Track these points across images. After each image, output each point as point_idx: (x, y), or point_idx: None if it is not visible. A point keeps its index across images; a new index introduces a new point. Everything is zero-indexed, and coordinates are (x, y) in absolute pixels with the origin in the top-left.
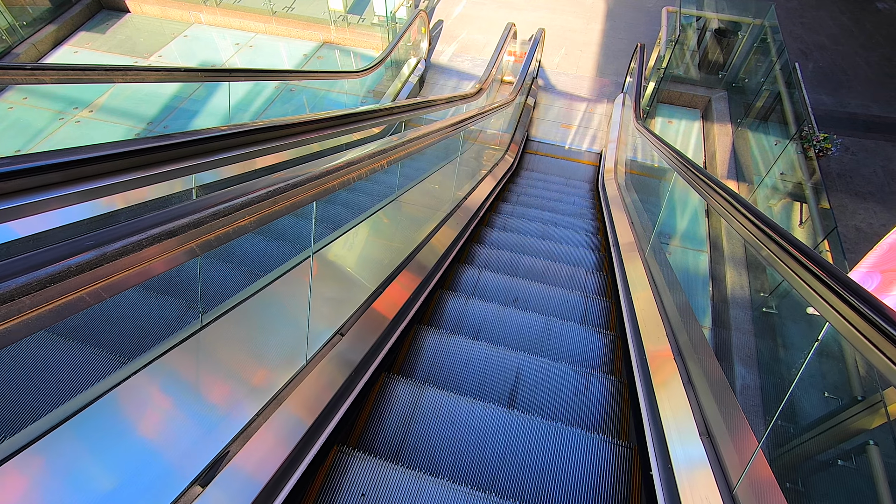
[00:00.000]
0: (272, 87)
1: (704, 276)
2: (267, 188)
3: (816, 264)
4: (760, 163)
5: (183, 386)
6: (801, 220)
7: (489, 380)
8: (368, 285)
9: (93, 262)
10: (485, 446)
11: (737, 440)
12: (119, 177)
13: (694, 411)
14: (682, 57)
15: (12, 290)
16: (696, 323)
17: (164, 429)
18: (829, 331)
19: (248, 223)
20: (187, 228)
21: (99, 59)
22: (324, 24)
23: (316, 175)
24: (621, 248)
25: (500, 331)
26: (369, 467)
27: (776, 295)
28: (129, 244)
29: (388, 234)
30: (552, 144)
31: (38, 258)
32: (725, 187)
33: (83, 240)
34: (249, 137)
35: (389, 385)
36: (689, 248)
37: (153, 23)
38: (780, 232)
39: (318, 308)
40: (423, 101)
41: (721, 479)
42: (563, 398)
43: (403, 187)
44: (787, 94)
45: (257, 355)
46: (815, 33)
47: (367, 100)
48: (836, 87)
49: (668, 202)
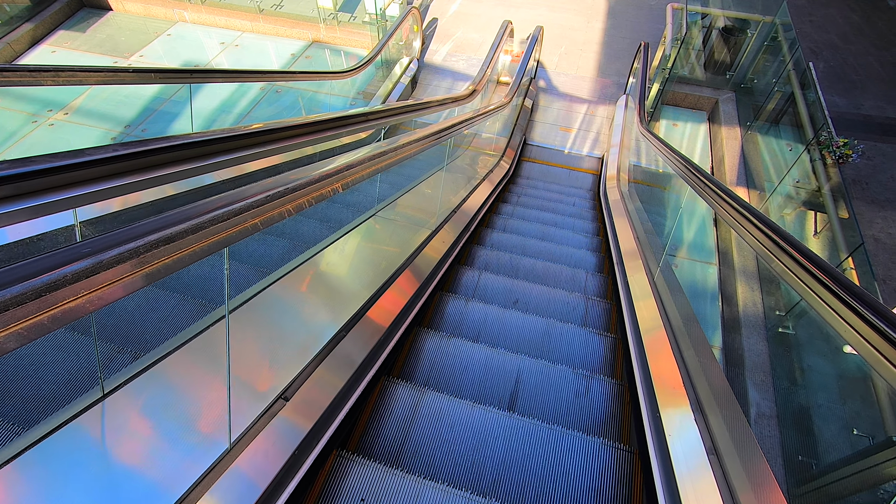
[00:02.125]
0: (257, 89)
1: (714, 292)
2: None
3: (846, 289)
4: (772, 169)
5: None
6: (816, 231)
7: (489, 383)
8: (327, 329)
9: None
10: (485, 450)
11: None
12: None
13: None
14: (688, 57)
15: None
16: (717, 367)
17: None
18: (856, 359)
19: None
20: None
21: (78, 58)
22: (313, 22)
23: (229, 212)
24: (627, 272)
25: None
26: (368, 472)
27: (793, 314)
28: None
29: (346, 271)
30: (551, 149)
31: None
32: (752, 208)
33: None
34: (196, 150)
35: (389, 388)
36: (699, 259)
37: (136, 21)
38: (803, 251)
39: (248, 375)
40: (404, 106)
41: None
42: (564, 401)
43: (368, 211)
44: (801, 95)
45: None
46: (825, 32)
47: (357, 102)
48: (849, 87)
49: (676, 213)
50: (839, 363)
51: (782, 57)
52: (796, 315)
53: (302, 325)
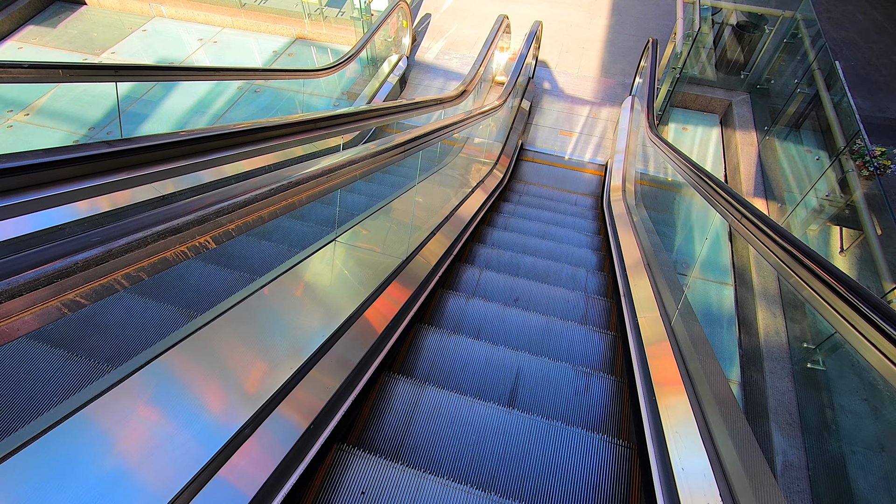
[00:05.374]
0: (235, 88)
1: (730, 318)
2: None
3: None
4: (791, 178)
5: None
6: (843, 248)
7: (489, 379)
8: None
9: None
10: (485, 445)
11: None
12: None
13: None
14: (698, 55)
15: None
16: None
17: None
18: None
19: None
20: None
21: (46, 55)
22: (298, 17)
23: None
24: (636, 310)
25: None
26: (369, 466)
27: (824, 348)
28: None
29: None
30: (550, 154)
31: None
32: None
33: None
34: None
35: (390, 384)
36: (714, 279)
37: (110, 16)
38: (841, 277)
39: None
40: (374, 109)
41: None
42: (563, 398)
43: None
44: (828, 98)
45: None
46: (845, 30)
47: (341, 102)
48: (873, 89)
49: (697, 230)
50: (884, 408)
51: (804, 55)
52: (828, 349)
53: (295, 328)
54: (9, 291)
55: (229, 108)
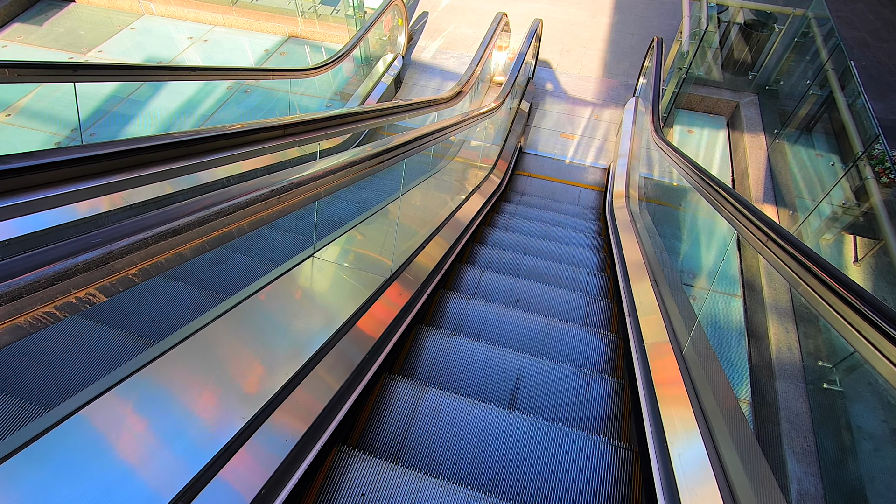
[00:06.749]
0: (224, 88)
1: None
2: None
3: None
4: (802, 184)
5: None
6: (857, 257)
7: (490, 381)
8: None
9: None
10: (485, 447)
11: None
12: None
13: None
14: (704, 55)
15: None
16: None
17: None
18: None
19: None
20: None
21: (31, 54)
22: (291, 15)
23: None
24: (643, 334)
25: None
26: (369, 467)
27: (841, 367)
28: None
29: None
30: (550, 158)
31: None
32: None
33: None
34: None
35: (390, 385)
36: (725, 291)
37: (99, 14)
38: (864, 296)
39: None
40: (360, 112)
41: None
42: (565, 400)
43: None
44: (843, 100)
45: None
46: (855, 29)
47: (334, 102)
48: (885, 90)
49: (709, 246)
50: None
51: (815, 55)
52: (846, 369)
53: (295, 328)
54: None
55: (218, 109)
